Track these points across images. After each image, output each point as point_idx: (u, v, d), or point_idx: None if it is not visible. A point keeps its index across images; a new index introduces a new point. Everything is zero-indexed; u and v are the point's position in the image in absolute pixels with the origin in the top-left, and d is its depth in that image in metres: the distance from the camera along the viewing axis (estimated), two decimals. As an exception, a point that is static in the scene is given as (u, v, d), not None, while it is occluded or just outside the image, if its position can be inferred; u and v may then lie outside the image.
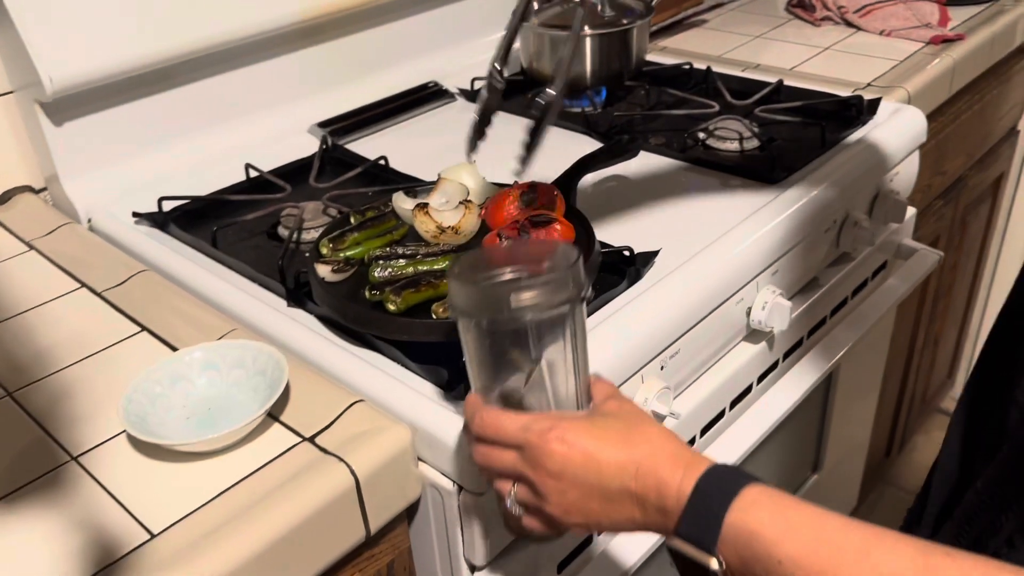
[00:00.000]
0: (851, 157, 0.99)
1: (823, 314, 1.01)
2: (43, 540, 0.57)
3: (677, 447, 0.52)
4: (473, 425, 0.56)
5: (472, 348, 0.57)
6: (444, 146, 1.10)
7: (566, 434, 0.53)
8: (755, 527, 0.46)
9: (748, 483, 0.48)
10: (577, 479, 0.52)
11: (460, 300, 0.55)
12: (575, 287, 0.54)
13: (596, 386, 0.59)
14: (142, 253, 0.91)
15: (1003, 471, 0.56)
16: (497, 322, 0.54)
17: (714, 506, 0.47)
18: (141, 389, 0.66)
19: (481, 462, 0.57)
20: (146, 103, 1.00)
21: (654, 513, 0.51)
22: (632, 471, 0.51)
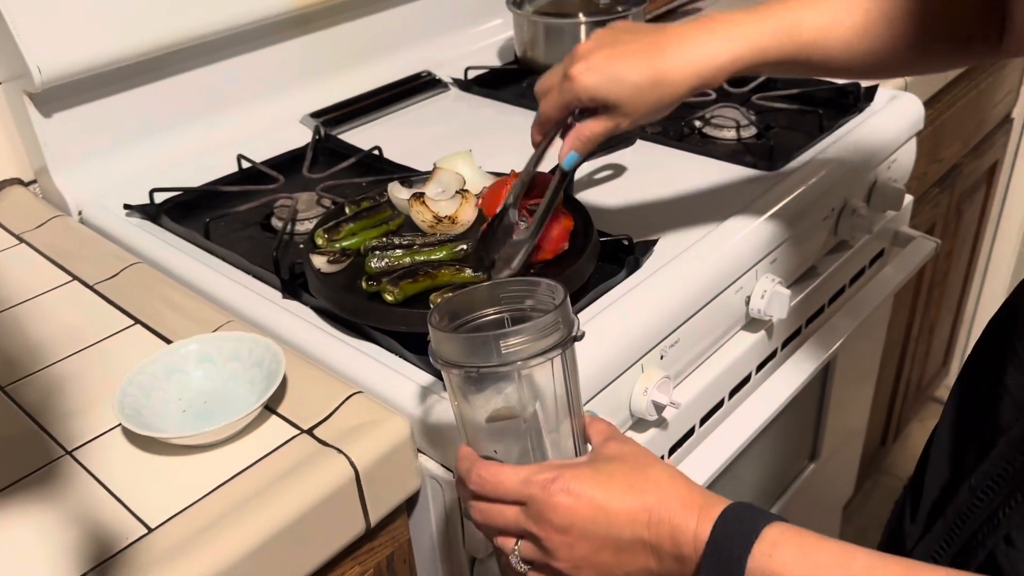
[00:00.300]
0: (849, 145, 0.99)
1: (821, 302, 1.01)
2: (39, 536, 0.56)
3: (688, 489, 0.50)
4: (470, 482, 0.53)
5: (460, 399, 0.53)
6: (438, 136, 1.09)
7: (571, 484, 0.50)
8: (779, 570, 0.44)
9: (767, 523, 0.46)
10: (586, 532, 0.50)
11: (444, 351, 0.51)
12: (565, 327, 0.51)
13: (592, 427, 0.56)
14: (134, 245, 0.90)
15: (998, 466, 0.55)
16: (486, 370, 0.50)
17: (735, 551, 0.45)
18: (136, 382, 0.65)
19: (481, 520, 0.53)
20: (136, 93, 0.99)
21: (670, 562, 0.49)
22: (644, 520, 0.49)
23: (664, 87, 0.65)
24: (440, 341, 0.52)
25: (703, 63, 0.64)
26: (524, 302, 0.55)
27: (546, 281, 0.55)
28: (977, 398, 0.62)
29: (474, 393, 0.53)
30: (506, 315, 0.56)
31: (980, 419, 0.60)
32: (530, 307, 0.55)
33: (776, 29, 0.66)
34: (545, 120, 0.71)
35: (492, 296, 0.56)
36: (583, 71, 0.65)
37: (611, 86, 0.65)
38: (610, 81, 0.65)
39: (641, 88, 0.65)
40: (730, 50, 0.65)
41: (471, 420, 0.54)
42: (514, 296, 0.56)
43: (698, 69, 0.64)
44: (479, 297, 0.56)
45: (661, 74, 0.64)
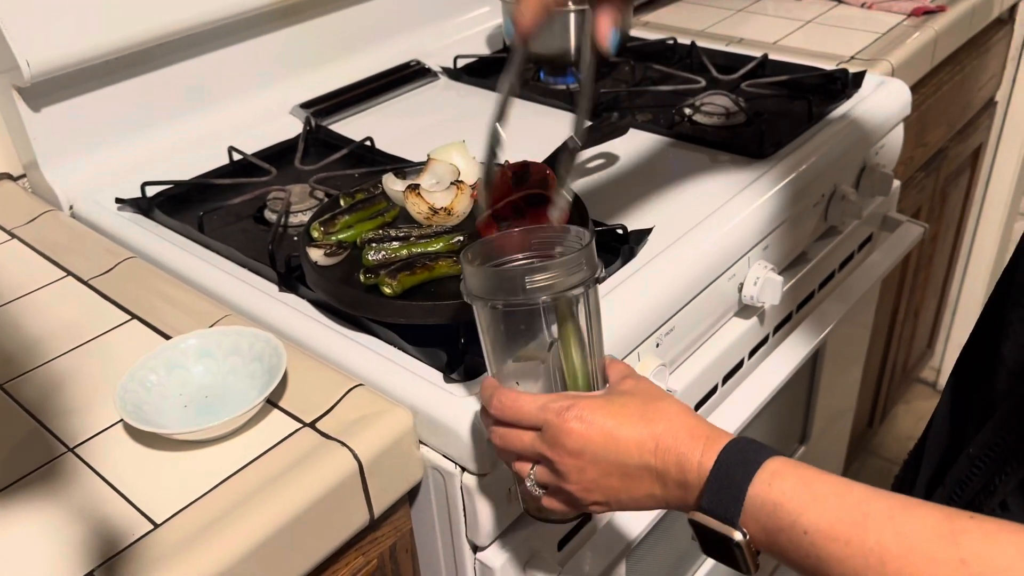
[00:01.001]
0: (838, 131, 1.00)
1: (811, 288, 1.02)
2: (44, 533, 0.57)
3: (696, 422, 0.52)
4: (491, 407, 0.56)
5: (487, 332, 0.57)
6: (429, 126, 1.09)
7: (584, 412, 0.53)
8: (779, 498, 0.46)
9: (769, 455, 0.48)
10: (596, 457, 0.52)
11: (474, 284, 0.55)
12: (589, 268, 0.54)
13: (611, 367, 0.59)
14: (127, 240, 0.89)
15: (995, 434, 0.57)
16: (512, 304, 0.54)
17: (736, 479, 0.47)
18: (136, 378, 0.65)
19: (499, 444, 0.57)
20: (126, 86, 0.99)
21: (674, 488, 0.51)
22: (651, 447, 0.51)
23: None
24: (471, 275, 0.55)
25: None
26: (554, 248, 0.59)
27: (575, 228, 0.59)
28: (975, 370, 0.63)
29: (502, 328, 0.56)
30: (536, 261, 0.58)
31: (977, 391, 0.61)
32: (559, 253, 0.58)
33: None
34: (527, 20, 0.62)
35: (524, 242, 0.59)
36: None
37: None
38: None
39: None
40: None
41: (498, 354, 0.57)
42: (544, 242, 0.59)
43: None
44: (511, 242, 0.59)
45: None
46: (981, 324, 0.66)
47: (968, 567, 0.40)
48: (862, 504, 0.44)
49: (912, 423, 1.95)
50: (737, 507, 0.47)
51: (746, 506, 0.47)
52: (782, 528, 0.46)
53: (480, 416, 0.60)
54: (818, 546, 0.45)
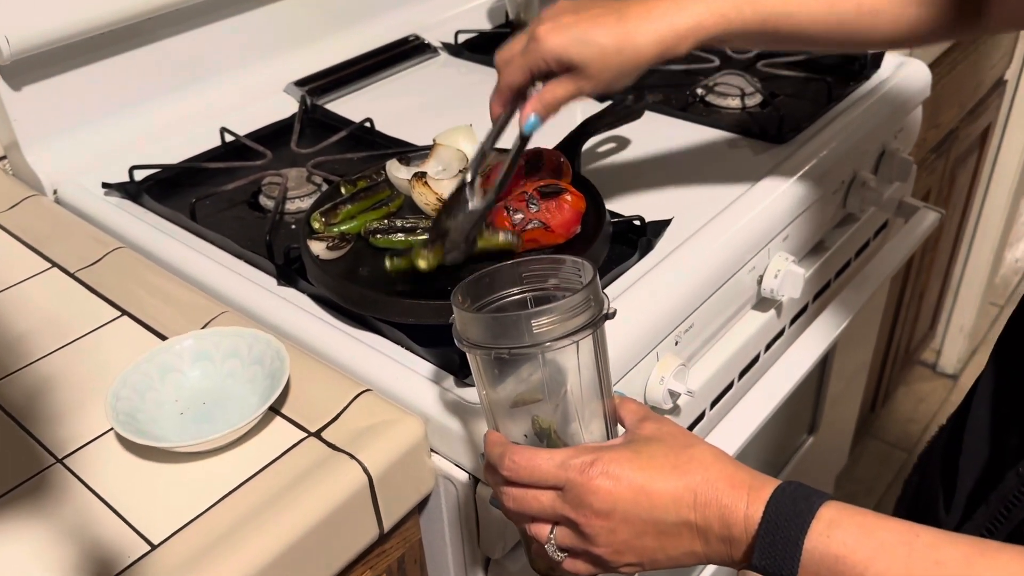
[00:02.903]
0: (858, 114, 0.96)
1: (828, 278, 0.99)
2: (33, 555, 0.53)
3: (734, 469, 0.48)
4: (503, 468, 0.50)
5: (487, 382, 0.51)
6: (430, 105, 1.05)
7: (611, 467, 0.48)
8: (839, 551, 0.43)
9: (822, 502, 0.44)
10: (628, 516, 0.48)
11: (472, 332, 0.49)
12: (596, 305, 0.49)
13: (624, 407, 0.54)
14: (115, 228, 0.85)
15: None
16: (517, 351, 0.48)
17: (791, 532, 0.44)
18: (129, 383, 0.61)
19: (514, 508, 0.51)
20: (111, 63, 0.93)
21: (718, 544, 0.47)
22: (690, 501, 0.47)
23: (628, 52, 0.64)
24: (466, 322, 0.50)
25: (666, 30, 0.64)
26: (547, 281, 0.54)
27: (571, 258, 0.53)
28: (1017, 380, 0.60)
29: (502, 376, 0.51)
30: (529, 295, 0.54)
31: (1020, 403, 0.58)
32: (554, 286, 0.54)
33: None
34: (506, 89, 0.68)
35: (514, 275, 0.54)
36: (549, 31, 0.64)
37: (577, 47, 0.64)
38: (576, 42, 0.63)
39: (607, 51, 0.64)
40: (693, 16, 0.64)
41: (499, 404, 0.52)
42: (537, 275, 0.54)
43: (662, 36, 0.64)
44: (501, 277, 0.54)
45: (626, 38, 0.64)
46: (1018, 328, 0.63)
47: None
48: (933, 551, 0.41)
49: (913, 405, 1.93)
50: (794, 563, 0.43)
51: (804, 561, 0.43)
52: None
53: (486, 474, 0.54)
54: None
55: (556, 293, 0.53)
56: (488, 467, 0.53)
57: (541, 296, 0.53)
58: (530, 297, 0.54)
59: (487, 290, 0.53)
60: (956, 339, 1.94)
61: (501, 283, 0.54)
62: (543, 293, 0.53)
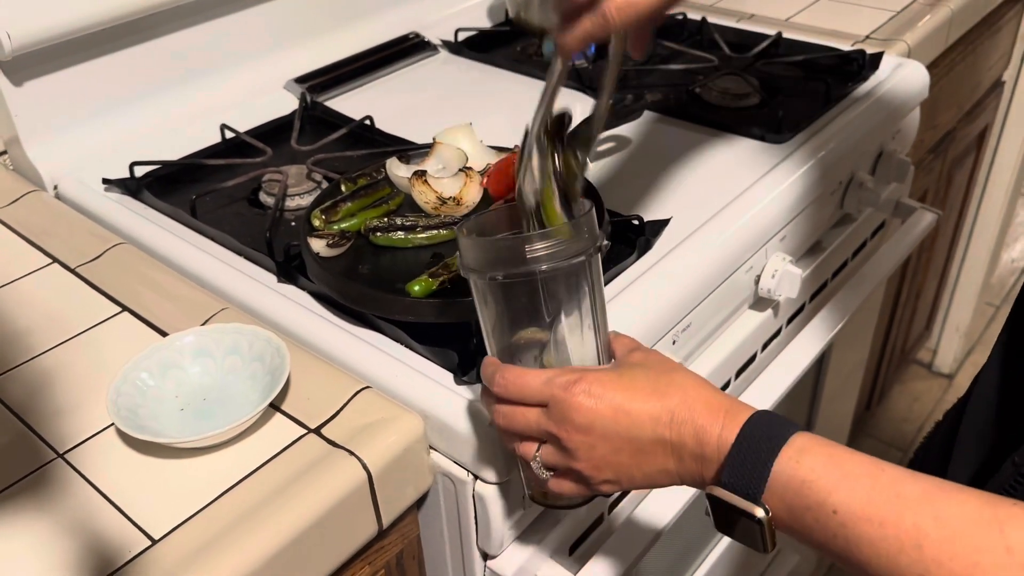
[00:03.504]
0: (856, 115, 0.96)
1: (825, 278, 0.99)
2: (34, 549, 0.53)
3: (713, 394, 0.49)
4: (494, 385, 0.53)
5: (486, 308, 0.54)
6: (430, 103, 1.05)
7: (593, 387, 0.50)
8: (807, 476, 0.44)
9: (795, 431, 0.46)
10: (607, 432, 0.50)
11: (472, 257, 0.53)
12: (590, 236, 0.52)
13: (616, 341, 0.57)
14: (116, 224, 0.85)
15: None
16: (513, 276, 0.51)
17: (761, 454, 0.45)
18: (130, 379, 0.61)
19: (503, 424, 0.54)
20: (112, 59, 0.93)
21: (691, 462, 0.49)
22: (666, 420, 0.49)
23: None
24: (468, 248, 0.53)
25: None
26: None
27: None
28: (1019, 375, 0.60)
29: (500, 302, 0.53)
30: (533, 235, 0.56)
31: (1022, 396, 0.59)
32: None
33: None
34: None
35: (517, 215, 0.57)
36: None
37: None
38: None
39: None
40: None
41: (497, 332, 0.55)
42: None
43: None
44: (505, 216, 0.57)
45: None
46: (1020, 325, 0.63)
47: (1014, 556, 0.39)
48: (896, 485, 0.42)
49: (907, 404, 1.94)
50: (761, 483, 0.45)
51: (770, 483, 0.45)
52: (809, 507, 0.44)
53: (481, 398, 0.57)
54: (848, 527, 0.43)
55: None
56: (483, 389, 0.56)
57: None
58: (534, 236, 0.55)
59: (491, 228, 0.57)
60: (952, 339, 1.95)
61: (505, 223, 0.57)
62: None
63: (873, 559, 0.42)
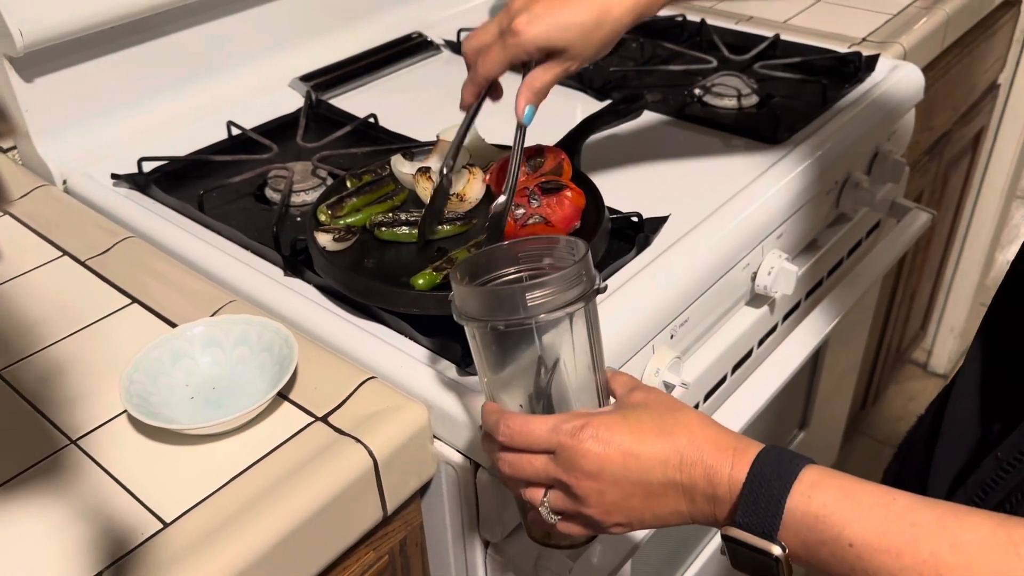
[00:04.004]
0: (852, 116, 0.98)
1: (820, 275, 1.01)
2: (49, 532, 0.55)
3: (719, 432, 0.50)
4: (498, 434, 0.53)
5: (485, 355, 0.54)
6: (433, 102, 1.06)
7: (600, 431, 0.50)
8: (819, 511, 0.45)
9: (804, 465, 0.46)
10: (617, 477, 0.50)
11: (470, 305, 0.52)
12: (588, 280, 0.52)
13: (614, 379, 0.56)
14: (124, 218, 0.86)
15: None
16: (512, 324, 0.51)
17: (774, 492, 0.46)
18: (141, 368, 0.63)
19: (509, 472, 0.53)
20: (121, 56, 0.95)
21: (703, 503, 0.49)
22: (675, 462, 0.49)
23: (607, 25, 0.66)
24: (464, 297, 0.52)
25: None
26: (542, 260, 0.56)
27: (564, 238, 0.56)
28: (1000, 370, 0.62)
29: (499, 348, 0.53)
30: (525, 274, 0.56)
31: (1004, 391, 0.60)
32: (548, 265, 0.56)
33: None
34: (483, 80, 0.70)
35: (511, 255, 0.56)
36: (527, 23, 0.65)
37: (558, 32, 0.65)
38: (557, 28, 0.65)
39: (587, 29, 0.65)
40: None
41: (495, 376, 0.55)
42: (532, 254, 0.56)
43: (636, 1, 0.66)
44: (498, 256, 0.56)
45: (603, 12, 0.65)
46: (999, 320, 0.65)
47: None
48: (909, 513, 0.43)
49: (903, 404, 1.95)
50: (776, 521, 0.46)
51: (785, 520, 0.46)
52: (824, 541, 0.45)
53: (483, 443, 0.56)
54: (865, 559, 0.43)
55: (551, 271, 0.55)
56: (485, 436, 0.55)
57: (536, 275, 0.55)
58: (525, 276, 0.56)
59: (484, 269, 0.56)
60: (947, 339, 1.97)
61: (498, 263, 0.56)
62: (538, 272, 0.56)
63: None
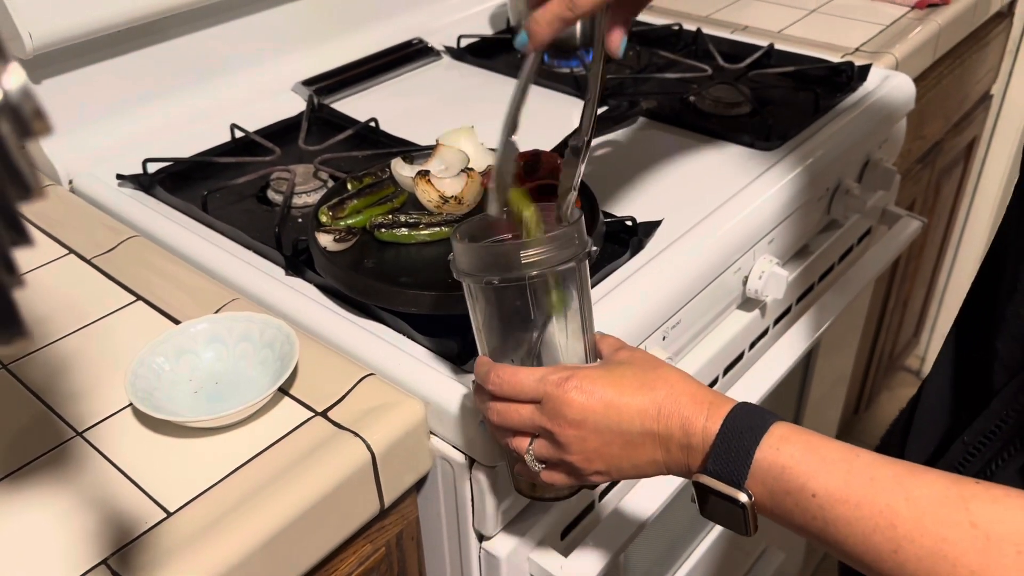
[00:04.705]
0: (844, 125, 1.00)
1: (812, 280, 1.03)
2: (56, 519, 0.56)
3: (696, 387, 0.52)
4: (489, 383, 0.56)
5: (480, 310, 0.57)
6: (432, 107, 1.08)
7: (584, 383, 0.53)
8: (787, 462, 0.47)
9: (775, 420, 0.49)
10: (598, 426, 0.53)
11: (467, 262, 0.55)
12: (580, 243, 0.55)
13: (602, 341, 0.60)
14: (129, 217, 0.88)
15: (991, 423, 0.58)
16: (507, 280, 0.54)
17: (744, 442, 0.48)
18: (146, 363, 0.64)
19: (497, 420, 0.56)
20: (127, 59, 0.97)
21: (678, 452, 0.52)
22: (653, 413, 0.52)
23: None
24: (463, 253, 0.55)
25: None
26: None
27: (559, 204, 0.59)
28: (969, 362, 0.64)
29: (493, 304, 0.56)
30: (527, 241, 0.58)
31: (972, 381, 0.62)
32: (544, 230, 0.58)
33: None
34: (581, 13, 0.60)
35: (508, 222, 0.59)
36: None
37: None
38: None
39: None
40: None
41: (490, 333, 0.58)
42: None
43: None
44: (497, 222, 0.59)
45: None
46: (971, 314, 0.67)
47: (978, 530, 0.42)
48: (870, 469, 0.45)
49: (895, 409, 1.96)
50: (744, 470, 0.48)
51: (753, 469, 0.48)
52: (789, 491, 0.47)
53: (474, 395, 0.60)
54: (826, 509, 0.46)
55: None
56: (476, 387, 0.58)
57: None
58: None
59: (483, 233, 0.59)
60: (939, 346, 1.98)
61: (497, 227, 0.59)
62: None
63: (850, 538, 0.45)
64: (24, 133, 0.27)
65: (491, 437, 0.61)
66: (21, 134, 0.27)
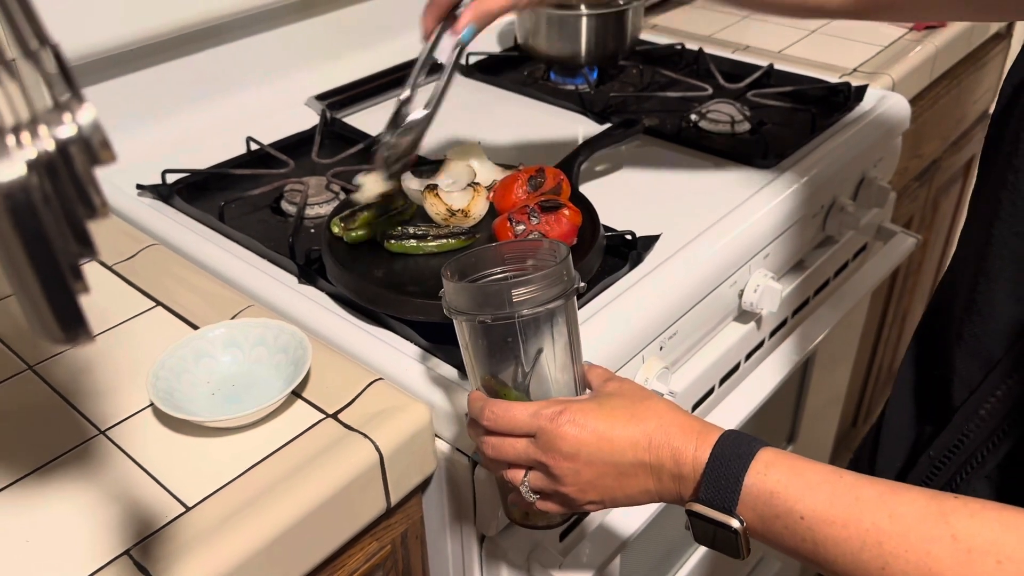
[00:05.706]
0: (839, 144, 1.03)
1: (807, 295, 1.06)
2: (80, 513, 0.60)
3: (684, 417, 0.55)
4: (483, 419, 0.58)
5: (472, 347, 0.59)
6: (441, 122, 1.10)
7: (576, 416, 0.55)
8: (774, 487, 0.50)
9: (761, 447, 0.52)
10: (592, 458, 0.55)
11: (459, 301, 0.57)
12: (568, 280, 0.57)
13: (591, 371, 0.62)
14: (149, 226, 0.92)
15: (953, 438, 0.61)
16: (499, 318, 0.56)
17: (733, 470, 0.51)
18: (167, 365, 0.68)
19: (492, 454, 0.58)
20: (147, 74, 1.01)
21: (669, 481, 0.54)
22: (644, 444, 0.54)
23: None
24: (454, 292, 0.57)
25: None
26: (526, 261, 0.61)
27: (548, 240, 0.61)
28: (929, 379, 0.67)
29: (485, 341, 0.58)
30: (510, 274, 0.61)
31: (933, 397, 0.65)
32: (532, 266, 0.61)
33: None
34: (445, 4, 0.74)
35: (497, 256, 0.61)
36: None
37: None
38: None
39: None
40: None
41: (481, 367, 0.59)
42: (518, 256, 0.62)
43: None
44: (485, 257, 0.61)
45: None
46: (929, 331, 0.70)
47: (959, 542, 0.45)
48: (853, 489, 0.48)
49: (894, 423, 1.99)
50: (735, 496, 0.51)
51: (743, 495, 0.51)
52: (778, 515, 0.50)
53: (468, 430, 0.62)
54: (815, 530, 0.48)
55: (534, 272, 0.60)
56: (471, 422, 0.60)
57: (520, 275, 0.60)
58: (510, 275, 0.61)
59: (472, 268, 0.61)
60: (939, 361, 2.01)
61: (485, 263, 0.61)
62: (522, 272, 0.61)
63: (839, 557, 0.48)
64: (93, 161, 0.31)
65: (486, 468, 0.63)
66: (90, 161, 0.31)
